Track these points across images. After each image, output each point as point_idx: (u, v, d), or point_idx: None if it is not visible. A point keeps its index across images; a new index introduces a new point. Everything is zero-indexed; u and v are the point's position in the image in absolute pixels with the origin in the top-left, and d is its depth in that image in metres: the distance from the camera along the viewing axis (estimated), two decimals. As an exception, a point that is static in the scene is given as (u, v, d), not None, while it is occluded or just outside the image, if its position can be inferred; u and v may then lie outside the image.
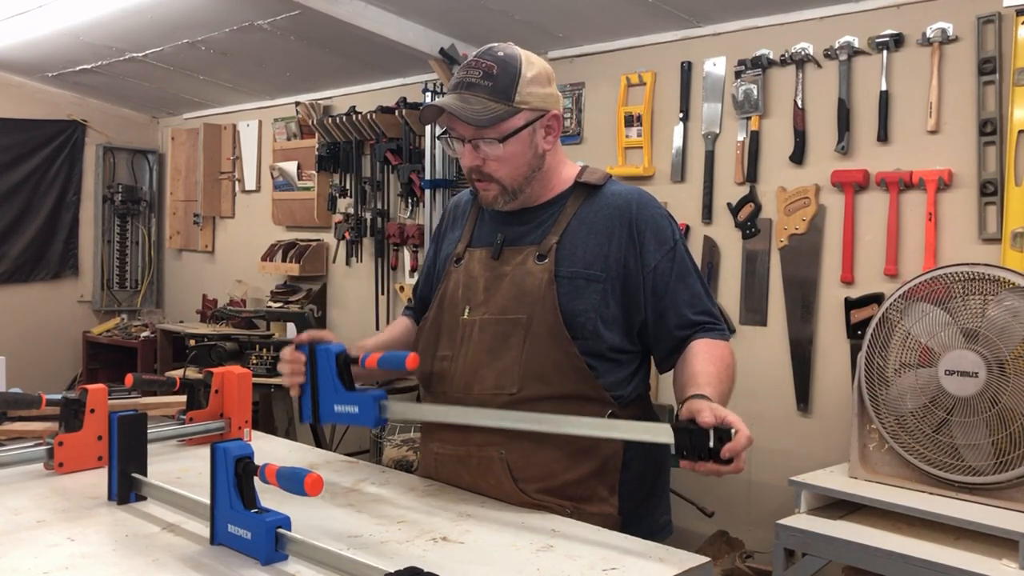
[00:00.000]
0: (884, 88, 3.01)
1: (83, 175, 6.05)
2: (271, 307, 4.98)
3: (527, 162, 1.66)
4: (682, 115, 3.56)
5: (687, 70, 3.55)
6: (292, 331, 4.57)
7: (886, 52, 3.00)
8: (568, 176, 1.73)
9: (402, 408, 1.63)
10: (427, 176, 4.21)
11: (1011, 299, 2.28)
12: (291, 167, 5.21)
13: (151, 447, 1.60)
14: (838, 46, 3.11)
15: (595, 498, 1.60)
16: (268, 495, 1.31)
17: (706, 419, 1.31)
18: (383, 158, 4.54)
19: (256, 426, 1.99)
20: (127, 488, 1.52)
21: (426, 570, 1.06)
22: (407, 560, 1.23)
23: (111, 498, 1.53)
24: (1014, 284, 2.28)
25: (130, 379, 1.99)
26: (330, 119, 4.77)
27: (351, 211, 4.80)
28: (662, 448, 1.69)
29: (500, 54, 1.64)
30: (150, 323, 5.76)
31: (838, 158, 3.13)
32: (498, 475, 1.60)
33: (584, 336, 1.60)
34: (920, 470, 2.41)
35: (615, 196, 1.68)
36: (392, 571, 1.06)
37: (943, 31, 2.88)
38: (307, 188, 5.11)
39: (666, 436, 1.33)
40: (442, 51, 3.92)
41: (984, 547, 2.15)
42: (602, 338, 1.61)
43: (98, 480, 1.60)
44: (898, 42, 2.98)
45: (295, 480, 1.23)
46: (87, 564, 1.25)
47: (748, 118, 3.36)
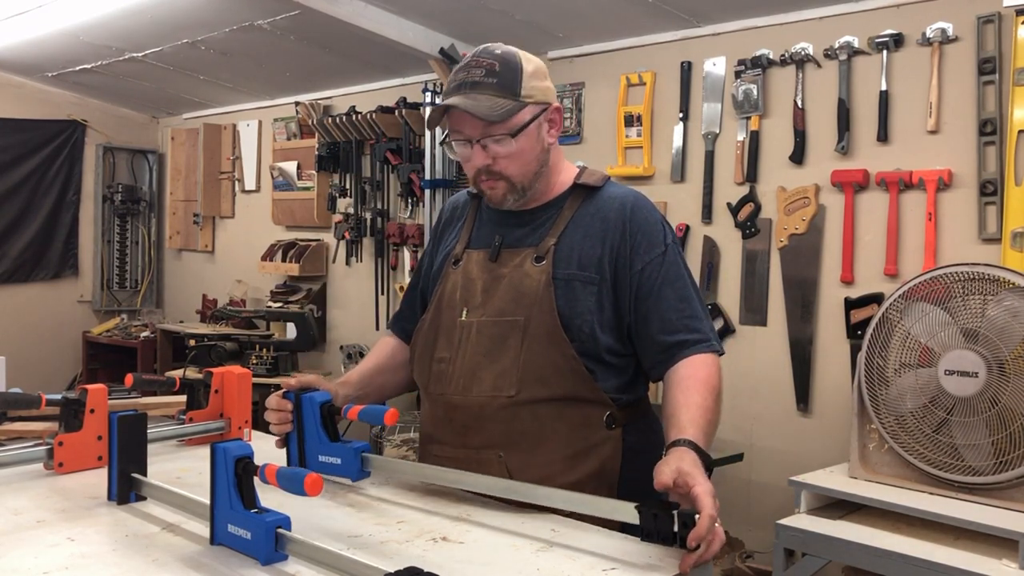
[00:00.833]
0: (884, 88, 3.01)
1: (83, 175, 6.05)
2: (271, 307, 4.98)
3: (535, 157, 1.66)
4: (682, 115, 3.56)
5: (687, 70, 3.55)
6: (292, 331, 4.57)
7: (886, 52, 3.00)
8: (567, 177, 1.73)
9: (383, 463, 1.63)
10: (427, 176, 4.22)
11: (1011, 299, 2.28)
12: (291, 167, 5.21)
13: (151, 447, 1.60)
14: (838, 46, 3.11)
15: None
16: (268, 495, 1.31)
17: (664, 480, 1.30)
18: (383, 158, 4.54)
19: (256, 426, 1.99)
20: (127, 488, 1.52)
21: (426, 570, 1.06)
22: (407, 560, 1.23)
23: (111, 498, 1.52)
24: (1014, 284, 2.28)
25: (130, 379, 1.99)
26: (330, 119, 4.77)
27: (351, 211, 4.80)
28: (662, 450, 1.68)
29: (498, 52, 1.64)
30: (150, 323, 5.75)
31: (838, 158, 3.13)
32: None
33: (581, 338, 1.60)
34: (920, 470, 2.40)
35: (612, 199, 1.68)
36: (392, 571, 1.06)
37: (943, 31, 2.88)
38: (307, 188, 5.11)
39: (631, 516, 1.30)
40: (442, 51, 3.92)
41: (984, 547, 2.15)
42: (599, 340, 1.61)
43: (98, 480, 1.60)
44: (898, 42, 2.98)
45: (295, 480, 1.23)
46: (87, 564, 1.24)
47: (748, 118, 3.36)
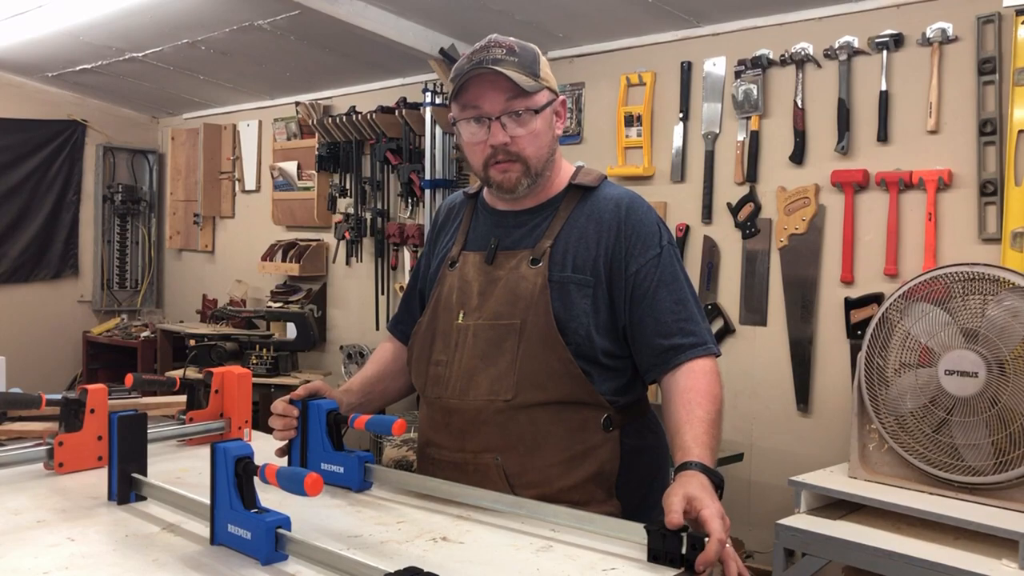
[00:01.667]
0: (884, 88, 3.01)
1: (83, 175, 6.04)
2: (271, 307, 4.97)
3: (548, 143, 1.65)
4: (682, 115, 3.56)
5: (687, 70, 3.55)
6: (292, 331, 4.57)
7: (886, 52, 3.00)
8: (564, 177, 1.71)
9: (385, 473, 1.64)
10: (427, 176, 4.22)
11: (1011, 299, 2.28)
12: (291, 167, 5.21)
13: (151, 447, 1.60)
14: (838, 46, 3.11)
15: (593, 501, 1.58)
16: (268, 495, 1.31)
17: (674, 519, 1.25)
18: (383, 158, 4.54)
19: (256, 426, 1.99)
20: (127, 488, 1.52)
21: (426, 570, 1.06)
22: (407, 560, 1.23)
23: (111, 498, 1.52)
24: (1014, 284, 2.28)
25: (130, 379, 1.99)
26: (330, 119, 4.77)
27: (351, 211, 4.80)
28: (661, 449, 1.68)
29: (511, 39, 1.63)
30: (150, 323, 5.75)
31: (838, 158, 3.13)
32: (495, 481, 1.58)
33: (577, 341, 1.58)
34: (920, 470, 2.41)
35: (607, 200, 1.66)
36: (392, 571, 1.06)
37: (943, 31, 2.88)
38: (307, 188, 5.11)
39: (639, 536, 1.29)
40: (442, 51, 3.92)
41: (984, 547, 2.15)
42: (595, 343, 1.59)
43: (98, 480, 1.60)
44: (898, 42, 2.98)
45: (295, 480, 1.22)
46: (87, 564, 1.24)
47: (748, 118, 3.36)
